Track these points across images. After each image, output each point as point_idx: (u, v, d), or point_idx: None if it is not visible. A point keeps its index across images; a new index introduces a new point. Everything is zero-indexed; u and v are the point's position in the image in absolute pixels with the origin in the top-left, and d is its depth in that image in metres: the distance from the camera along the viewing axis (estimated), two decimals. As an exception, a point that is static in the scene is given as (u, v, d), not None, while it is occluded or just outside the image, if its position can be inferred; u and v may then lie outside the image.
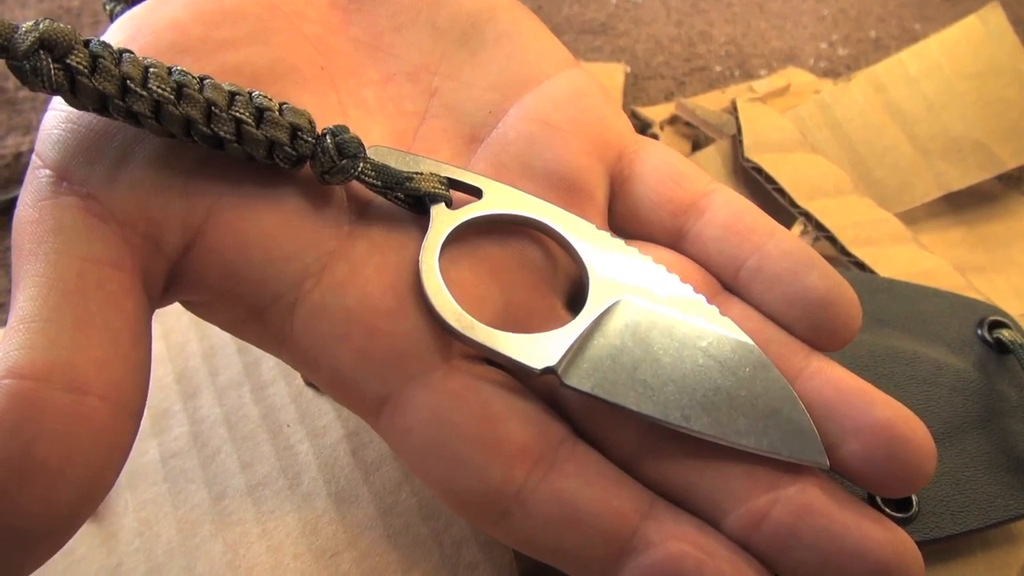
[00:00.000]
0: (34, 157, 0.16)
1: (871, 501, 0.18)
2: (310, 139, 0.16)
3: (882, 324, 0.22)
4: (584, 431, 0.17)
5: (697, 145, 0.31)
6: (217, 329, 0.24)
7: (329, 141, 0.16)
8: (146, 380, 0.15)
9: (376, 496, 0.20)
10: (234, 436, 0.22)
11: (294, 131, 0.16)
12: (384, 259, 0.16)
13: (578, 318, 0.16)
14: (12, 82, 0.37)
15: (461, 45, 0.19)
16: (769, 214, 0.19)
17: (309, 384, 0.23)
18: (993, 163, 0.27)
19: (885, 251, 0.25)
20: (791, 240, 0.18)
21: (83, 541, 0.20)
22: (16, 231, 0.15)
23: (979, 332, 0.21)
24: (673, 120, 0.32)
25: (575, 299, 0.18)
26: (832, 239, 0.25)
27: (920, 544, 0.18)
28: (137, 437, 0.22)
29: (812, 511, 0.15)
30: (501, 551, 0.19)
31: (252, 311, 0.16)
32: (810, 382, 0.16)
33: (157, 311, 0.25)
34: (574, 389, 0.16)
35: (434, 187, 0.17)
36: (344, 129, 0.16)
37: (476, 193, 0.17)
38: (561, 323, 0.16)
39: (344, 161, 0.16)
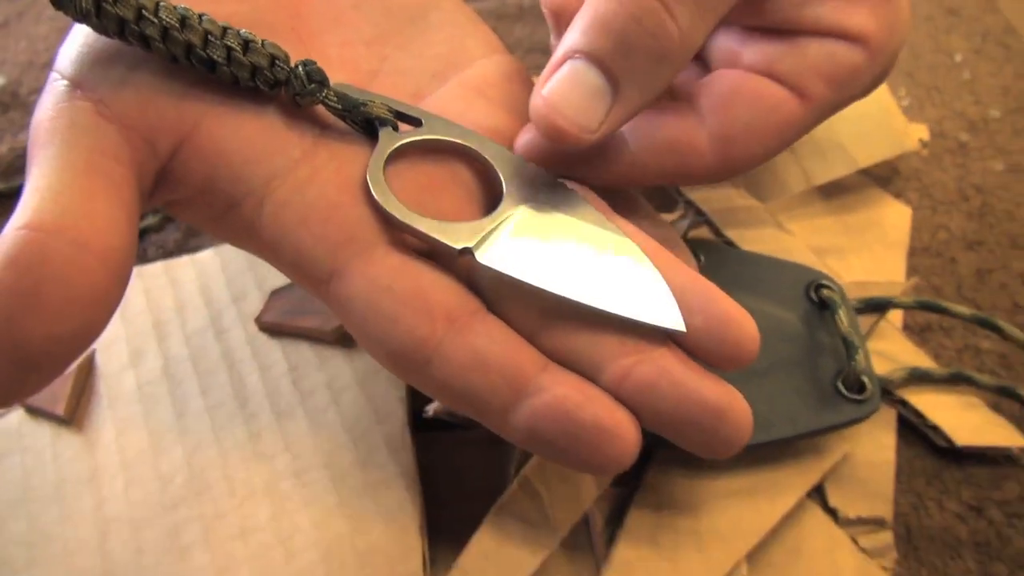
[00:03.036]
0: (53, 73, 0.19)
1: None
2: (285, 67, 0.20)
3: (733, 286, 0.26)
4: (492, 308, 0.20)
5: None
6: (188, 286, 0.29)
7: (301, 69, 0.20)
8: (131, 260, 0.18)
9: (308, 414, 0.25)
10: (197, 370, 0.27)
11: (273, 59, 0.19)
12: (340, 166, 0.20)
13: (492, 215, 0.20)
14: (25, 88, 0.42)
15: (409, 24, 0.23)
16: (658, 199, 0.23)
17: (263, 329, 0.27)
18: (849, 162, 0.31)
19: (751, 232, 0.30)
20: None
21: (69, 446, 0.25)
22: (33, 129, 0.18)
23: (808, 292, 0.26)
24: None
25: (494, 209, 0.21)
26: (709, 222, 0.30)
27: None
28: (117, 369, 0.27)
29: (668, 369, 0.18)
30: (406, 455, 0.24)
31: (227, 206, 0.20)
32: (678, 276, 0.20)
33: (138, 269, 0.29)
34: (485, 266, 0.19)
35: (382, 113, 0.20)
36: (313, 62, 0.20)
37: (417, 123, 0.21)
38: None
39: (312, 86, 0.20)
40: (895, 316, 0.29)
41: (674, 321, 0.19)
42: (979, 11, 0.46)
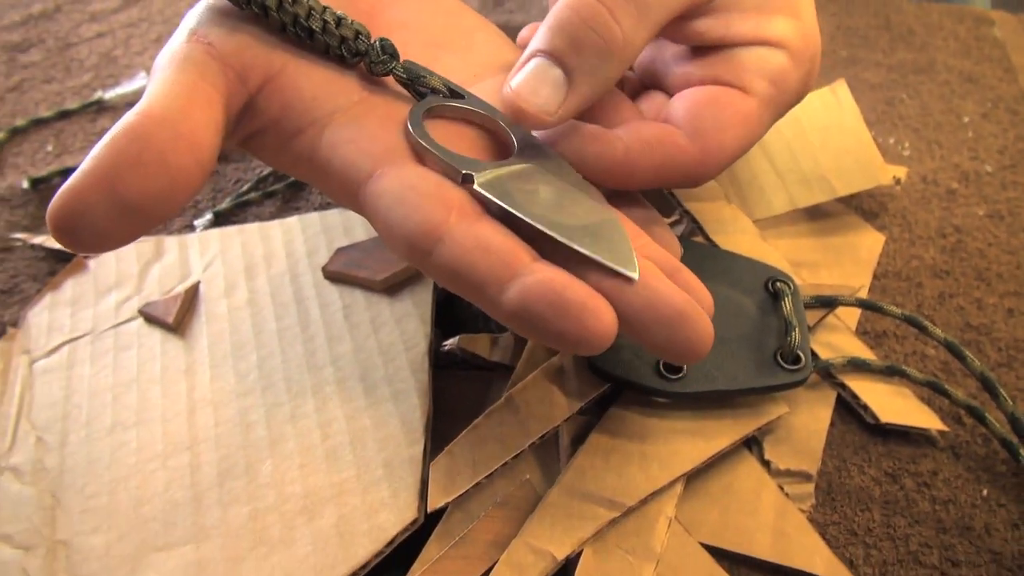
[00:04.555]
0: (180, 26, 0.25)
1: (658, 366, 0.28)
2: (367, 40, 0.25)
3: (706, 273, 0.32)
4: None
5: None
6: (275, 242, 0.37)
7: (378, 44, 0.25)
8: (213, 160, 0.22)
9: (353, 341, 0.32)
10: (274, 302, 0.34)
11: (357, 33, 0.25)
12: (388, 111, 0.25)
13: (498, 162, 0.24)
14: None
15: (460, 38, 0.30)
16: (661, 206, 0.29)
17: (327, 276, 0.35)
18: (829, 190, 0.37)
19: (735, 238, 0.35)
20: None
21: (173, 346, 0.33)
22: (157, 62, 0.24)
23: (766, 285, 0.31)
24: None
25: None
26: (701, 228, 0.36)
27: (687, 396, 0.28)
28: (215, 296, 0.34)
29: (643, 277, 0.22)
30: (423, 375, 0.30)
31: (294, 133, 0.25)
32: (647, 247, 0.24)
33: (238, 228, 0.37)
34: (480, 192, 0.23)
35: (438, 85, 0.26)
36: (388, 40, 0.25)
37: (460, 98, 0.26)
38: None
39: (385, 57, 0.25)
40: (850, 319, 0.34)
41: (629, 267, 0.22)
42: (996, 80, 0.51)
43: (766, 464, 0.29)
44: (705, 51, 0.28)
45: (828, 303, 0.32)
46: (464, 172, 0.24)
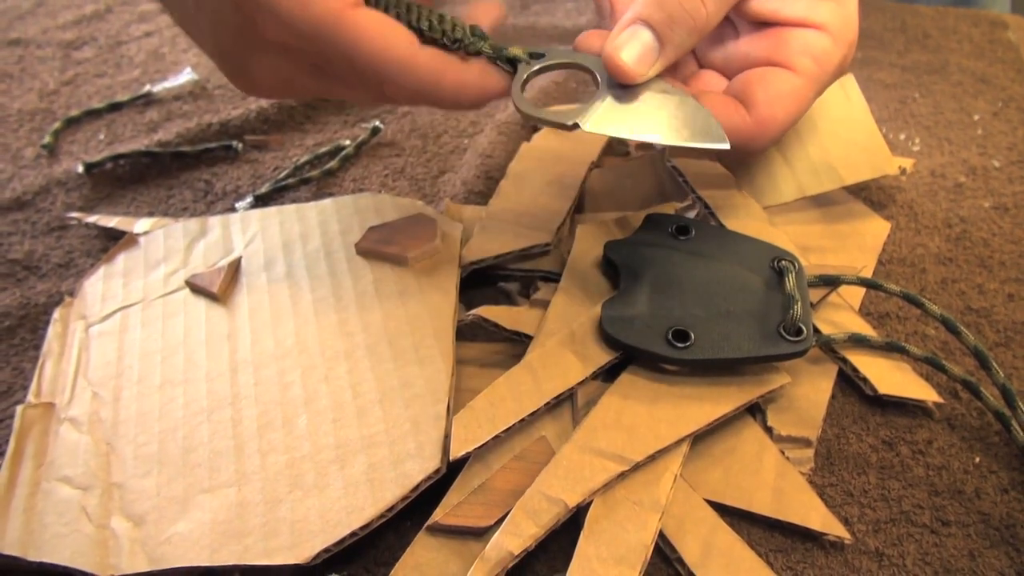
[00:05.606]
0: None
1: (667, 336, 0.30)
2: (463, 29, 0.30)
3: (717, 255, 0.34)
4: None
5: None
6: (311, 221, 0.39)
7: (470, 31, 0.30)
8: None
9: (383, 310, 0.34)
10: (310, 275, 0.37)
11: (454, 25, 0.30)
12: (484, 68, 0.30)
13: (588, 102, 0.30)
14: (211, 83, 0.55)
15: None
16: (676, 192, 0.34)
17: (360, 252, 0.37)
18: (837, 179, 0.38)
19: (746, 223, 0.37)
20: None
21: (217, 313, 0.35)
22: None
23: (772, 263, 0.33)
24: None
25: None
26: (713, 214, 0.38)
27: (695, 363, 0.30)
28: (256, 269, 0.37)
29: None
30: (447, 341, 0.32)
31: None
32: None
33: (277, 208, 0.40)
34: (590, 132, 0.30)
35: (519, 53, 0.31)
36: (478, 26, 0.30)
37: (541, 56, 0.31)
38: None
39: (475, 39, 0.30)
40: (853, 300, 0.36)
41: (721, 141, 0.29)
42: (1008, 81, 0.52)
43: (768, 430, 0.31)
44: (756, 33, 0.33)
45: (831, 281, 0.34)
46: (571, 123, 0.30)
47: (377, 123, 0.49)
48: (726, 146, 0.29)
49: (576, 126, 0.30)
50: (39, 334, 0.37)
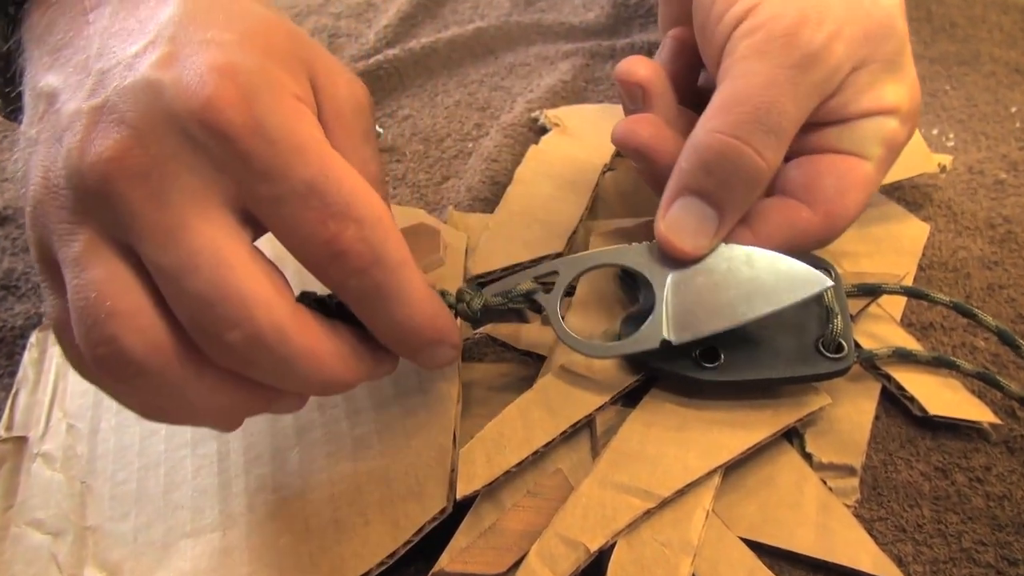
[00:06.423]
0: None
1: (694, 354, 0.27)
2: (466, 293, 0.27)
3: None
4: None
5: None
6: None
7: (455, 295, 0.27)
8: None
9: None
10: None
11: (443, 293, 0.26)
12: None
13: (642, 304, 0.28)
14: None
15: None
16: None
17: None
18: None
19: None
20: None
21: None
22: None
23: (807, 272, 0.30)
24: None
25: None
26: (737, 219, 0.35)
27: (726, 385, 0.27)
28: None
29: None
30: (452, 366, 0.30)
31: None
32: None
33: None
34: (684, 343, 0.26)
35: (530, 285, 0.27)
36: (471, 292, 0.27)
37: (554, 274, 0.28)
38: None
39: (471, 298, 0.27)
40: (894, 309, 0.33)
41: (820, 283, 0.26)
42: (1044, 71, 0.49)
43: (808, 457, 0.28)
44: (819, 124, 0.29)
45: (871, 291, 0.31)
46: (660, 345, 0.26)
47: (377, 127, 0.47)
48: (829, 284, 0.26)
49: (666, 344, 0.26)
50: (15, 360, 0.35)
